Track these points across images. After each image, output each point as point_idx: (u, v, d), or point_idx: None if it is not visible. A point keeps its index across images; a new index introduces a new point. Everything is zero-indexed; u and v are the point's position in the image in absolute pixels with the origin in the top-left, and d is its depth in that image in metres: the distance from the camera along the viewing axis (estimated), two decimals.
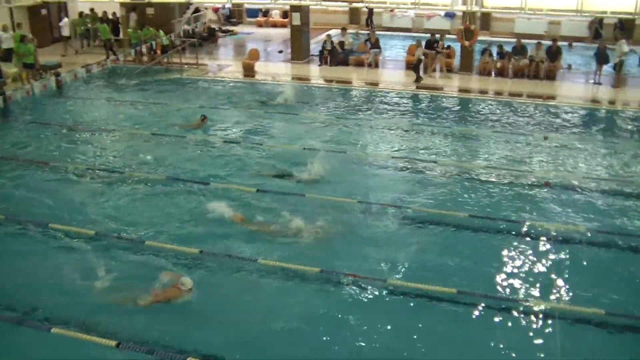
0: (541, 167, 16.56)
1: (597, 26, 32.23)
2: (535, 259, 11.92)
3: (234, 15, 40.56)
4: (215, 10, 40.33)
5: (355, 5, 29.21)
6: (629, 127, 20.54)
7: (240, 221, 12.73)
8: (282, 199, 14.00)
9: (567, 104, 22.42)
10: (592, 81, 25.11)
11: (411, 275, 11.09)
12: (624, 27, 31.01)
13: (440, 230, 12.93)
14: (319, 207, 13.55)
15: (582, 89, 24.40)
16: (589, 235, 12.81)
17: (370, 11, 35.69)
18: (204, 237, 12.37)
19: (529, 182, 15.40)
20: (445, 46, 26.62)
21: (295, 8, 27.27)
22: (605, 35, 31.26)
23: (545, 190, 14.98)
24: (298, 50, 27.91)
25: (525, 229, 12.99)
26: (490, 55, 25.89)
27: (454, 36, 26.44)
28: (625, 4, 23.76)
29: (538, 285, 11.08)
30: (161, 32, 28.35)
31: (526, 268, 11.59)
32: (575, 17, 30.33)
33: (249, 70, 26.29)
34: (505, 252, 12.11)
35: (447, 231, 12.87)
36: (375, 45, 27.07)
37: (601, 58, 24.98)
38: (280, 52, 30.22)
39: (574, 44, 31.89)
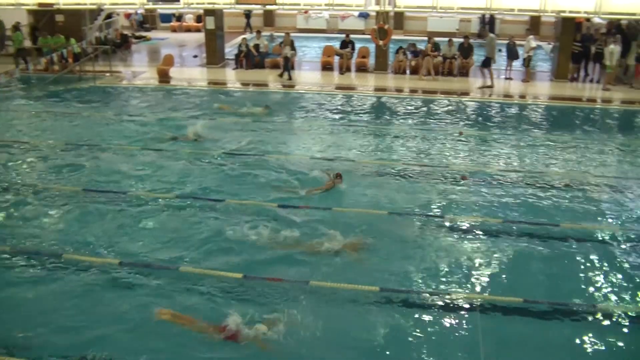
0: (458, 161, 16.86)
1: (492, 22, 32.95)
2: (454, 251, 12.10)
3: (147, 21, 39.91)
4: (128, 16, 39.58)
5: (269, 7, 29.09)
6: (539, 119, 21.24)
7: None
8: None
9: (480, 99, 22.97)
10: (504, 76, 25.79)
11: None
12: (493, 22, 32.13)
13: (364, 228, 12.98)
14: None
15: (495, 84, 24.98)
16: (506, 226, 13.15)
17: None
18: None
19: (447, 177, 15.66)
20: (359, 46, 26.93)
21: (209, 12, 27.02)
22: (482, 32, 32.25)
23: (463, 183, 15.28)
24: (213, 54, 27.65)
25: (446, 222, 13.19)
26: (405, 54, 26.26)
27: (369, 36, 26.70)
28: (531, 2, 24.40)
29: (456, 277, 11.26)
30: (72, 40, 27.58)
31: (447, 261, 11.73)
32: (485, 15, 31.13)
33: (163, 77, 25.85)
34: (425, 245, 12.24)
35: (371, 228, 12.90)
36: (291, 47, 27.07)
37: (511, 54, 25.69)
38: (195, 56, 29.90)
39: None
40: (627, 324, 10.18)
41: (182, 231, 12.60)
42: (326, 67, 27.06)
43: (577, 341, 9.72)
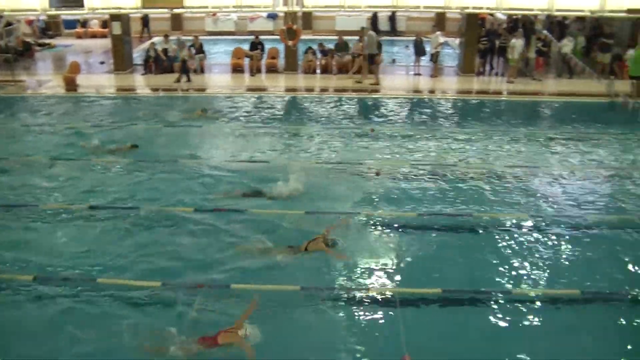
0: (370, 158, 17.04)
1: (375, 20, 33.38)
2: (372, 246, 12.33)
3: (50, 28, 38.65)
4: (30, 22, 38.24)
5: (177, 11, 28.72)
6: (449, 113, 21.78)
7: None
8: None
9: (391, 96, 23.33)
10: (412, 72, 26.25)
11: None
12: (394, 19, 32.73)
13: (277, 225, 13.01)
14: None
15: (404, 80, 25.46)
16: (421, 218, 13.43)
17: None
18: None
19: (361, 173, 15.84)
20: (269, 47, 26.92)
21: (114, 17, 26.46)
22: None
23: (377, 179, 15.48)
24: (120, 60, 27.08)
25: (362, 218, 13.35)
26: (314, 53, 26.39)
27: (278, 37, 26.72)
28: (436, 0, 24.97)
29: (375, 271, 11.44)
30: None
31: (366, 256, 11.93)
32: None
33: (70, 85, 25.11)
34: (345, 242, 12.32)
35: (280, 227, 12.95)
36: (200, 50, 26.83)
37: (418, 50, 26.19)
38: (102, 63, 29.21)
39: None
40: (541, 306, 10.58)
41: (98, 242, 12.36)
42: (236, 69, 26.92)
43: (495, 327, 10.04)
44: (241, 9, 26.59)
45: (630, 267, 12.00)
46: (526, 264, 11.90)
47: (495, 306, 10.53)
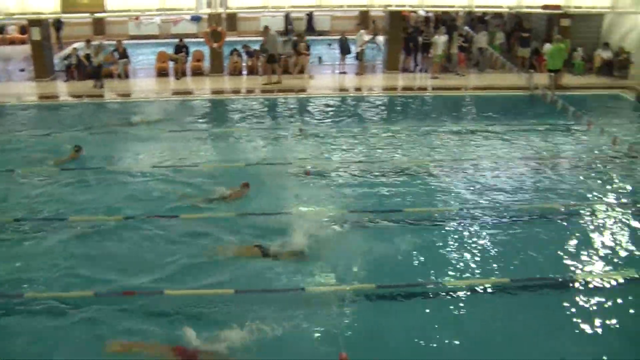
0: (300, 157, 17.11)
1: (290, 20, 33.55)
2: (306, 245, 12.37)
3: None
4: None
5: (98, 15, 28.14)
6: (376, 110, 22.05)
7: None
8: None
9: (318, 95, 23.46)
10: (338, 71, 26.42)
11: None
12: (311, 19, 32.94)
13: (211, 228, 13.00)
14: None
15: (330, 79, 25.62)
16: (352, 215, 13.58)
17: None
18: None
19: (291, 173, 15.90)
20: (193, 50, 26.68)
21: (34, 22, 25.77)
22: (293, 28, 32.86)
23: (307, 178, 15.57)
24: (41, 67, 26.35)
25: (293, 217, 13.38)
26: (239, 55, 26.30)
27: (202, 39, 26.50)
28: None
29: (310, 270, 11.51)
30: None
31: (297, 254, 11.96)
32: (316, 13, 31.70)
33: None
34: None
35: (215, 230, 12.94)
36: (123, 55, 26.40)
37: (343, 49, 26.40)
38: (22, 70, 28.43)
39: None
40: (469, 297, 10.85)
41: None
42: (161, 73, 26.57)
43: (428, 319, 10.27)
44: (164, 12, 26.32)
45: (556, 252, 12.43)
46: (457, 255, 12.19)
47: (428, 298, 10.77)
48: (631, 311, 10.76)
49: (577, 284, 11.43)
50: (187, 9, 26.35)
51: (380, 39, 29.55)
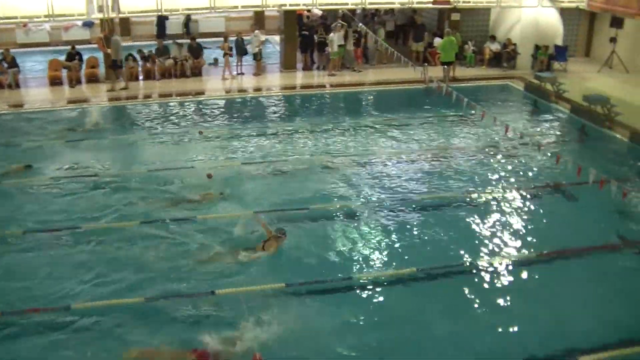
0: (201, 160, 17.00)
1: (187, 22, 33.33)
2: (208, 247, 12.37)
3: None
4: None
5: None
6: (275, 110, 22.15)
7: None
8: None
9: (215, 97, 23.32)
10: (235, 72, 26.28)
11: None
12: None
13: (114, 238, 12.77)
14: None
15: (228, 81, 25.45)
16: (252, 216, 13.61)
17: None
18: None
19: (192, 177, 15.78)
20: (87, 56, 25.98)
21: None
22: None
23: (209, 181, 15.47)
24: None
25: (199, 221, 13.37)
26: (135, 59, 25.81)
27: (96, 45, 25.84)
28: None
29: (216, 272, 11.53)
30: None
31: (200, 258, 12.00)
32: (210, 14, 31.35)
33: None
34: (180, 247, 12.45)
35: (119, 243, 12.72)
36: (12, 64, 25.43)
37: (240, 50, 26.28)
38: None
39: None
40: (383, 288, 11.14)
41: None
42: (54, 81, 25.70)
43: (343, 313, 10.49)
44: (53, 19, 25.49)
45: (459, 239, 12.87)
46: (365, 248, 12.48)
47: (340, 293, 10.96)
48: (534, 291, 11.32)
49: (482, 269, 11.90)
50: (78, 14, 25.56)
51: (276, 38, 29.66)
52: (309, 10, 30.57)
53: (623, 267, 12.27)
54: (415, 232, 13.21)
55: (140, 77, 25.64)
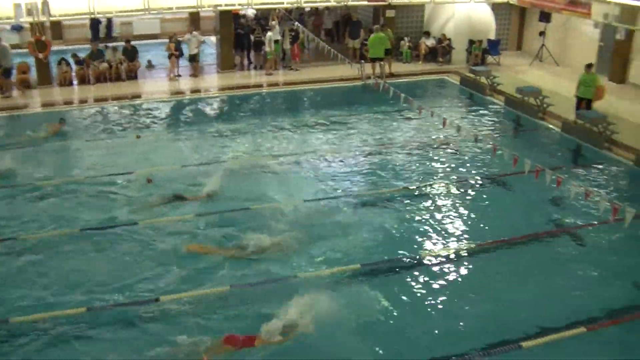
0: (140, 165, 16.74)
1: (108, 25, 32.82)
2: (145, 255, 12.32)
3: None
4: None
5: None
6: (214, 111, 22.05)
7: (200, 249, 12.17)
8: None
9: (153, 100, 23.01)
10: (173, 74, 25.97)
11: None
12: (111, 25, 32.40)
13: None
14: None
15: (165, 83, 25.17)
16: (196, 219, 13.58)
17: None
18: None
19: (129, 182, 15.58)
20: (20, 61, 25.32)
21: None
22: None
23: (150, 185, 15.31)
24: None
25: (140, 228, 13.22)
26: (68, 64, 25.28)
27: (27, 50, 25.24)
28: (188, 0, 24.82)
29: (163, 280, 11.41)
30: None
31: (138, 266, 11.93)
32: (145, 16, 30.97)
33: None
34: (118, 253, 12.34)
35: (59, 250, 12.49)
36: None
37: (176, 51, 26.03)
38: None
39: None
40: (327, 285, 11.22)
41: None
42: None
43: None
44: None
45: (400, 234, 13.03)
46: (308, 247, 12.53)
47: (285, 291, 10.93)
48: (475, 281, 11.55)
49: (424, 262, 12.13)
50: (6, 18, 24.95)
51: (212, 39, 29.48)
52: (243, 16, 30.45)
53: (560, 253, 12.64)
54: (356, 229, 13.29)
55: (74, 82, 25.09)
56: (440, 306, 10.85)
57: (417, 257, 12.29)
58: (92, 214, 13.87)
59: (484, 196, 15.22)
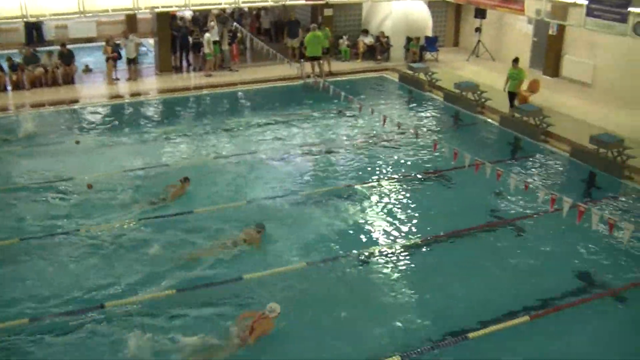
0: (80, 171, 16.39)
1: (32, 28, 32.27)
2: (89, 262, 12.14)
3: None
4: None
5: None
6: (154, 114, 21.80)
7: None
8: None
9: (91, 104, 22.61)
10: (111, 78, 25.55)
11: None
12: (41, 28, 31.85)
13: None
14: None
15: (103, 87, 24.77)
16: (141, 224, 13.47)
17: None
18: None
19: (69, 189, 15.31)
20: None
21: None
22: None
23: (89, 191, 15.04)
24: None
25: (82, 235, 12.99)
26: (2, 69, 24.63)
27: None
28: (124, 2, 24.41)
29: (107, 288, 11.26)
30: None
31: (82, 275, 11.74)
32: (80, 19, 30.41)
33: None
34: (66, 261, 12.11)
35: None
36: None
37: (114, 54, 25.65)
38: None
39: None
40: (274, 284, 11.24)
41: None
42: None
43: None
44: None
45: (345, 231, 13.15)
46: (251, 248, 12.47)
47: (228, 293, 11.03)
48: (421, 275, 11.73)
49: (369, 258, 12.30)
50: None
51: (150, 41, 29.15)
52: (181, 18, 30.17)
53: (501, 245, 12.95)
54: (300, 228, 13.36)
55: (8, 88, 24.43)
56: (384, 302, 10.97)
57: (360, 253, 12.39)
58: (31, 222, 13.57)
59: (426, 191, 15.45)
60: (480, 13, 26.93)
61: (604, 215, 11.88)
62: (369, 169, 16.63)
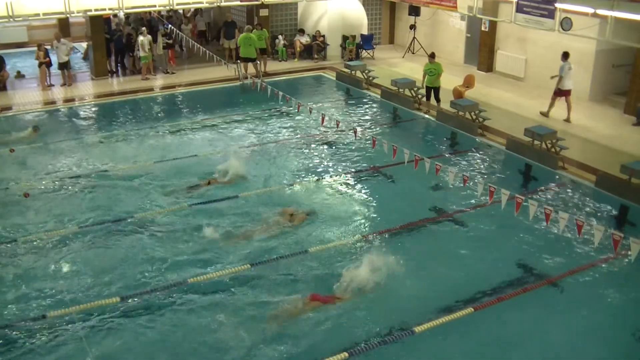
0: (16, 179, 16.06)
1: None
2: (41, 272, 11.89)
3: None
4: None
5: None
6: (91, 119, 21.42)
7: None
8: None
9: (25, 111, 22.06)
10: (45, 84, 24.99)
11: None
12: None
13: None
14: None
15: (37, 93, 24.21)
16: (83, 231, 13.22)
17: None
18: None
19: (4, 197, 14.98)
20: None
21: None
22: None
23: (27, 200, 14.74)
24: None
25: (20, 245, 12.76)
26: None
27: None
28: (55, 5, 23.88)
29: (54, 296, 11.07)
30: None
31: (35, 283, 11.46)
32: (9, 23, 29.72)
33: None
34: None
35: None
36: None
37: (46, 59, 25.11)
38: None
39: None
40: (221, 287, 11.21)
41: None
42: None
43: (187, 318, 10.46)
44: None
45: (285, 232, 13.17)
46: (190, 250, 12.47)
47: (183, 299, 10.95)
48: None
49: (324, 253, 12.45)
50: None
51: (84, 45, 28.66)
52: (115, 15, 29.71)
53: (443, 238, 13.19)
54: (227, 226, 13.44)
55: None
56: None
57: (305, 253, 12.44)
58: None
59: (367, 189, 15.57)
60: (414, 10, 27.33)
61: (541, 205, 12.17)
62: (309, 168, 16.70)
